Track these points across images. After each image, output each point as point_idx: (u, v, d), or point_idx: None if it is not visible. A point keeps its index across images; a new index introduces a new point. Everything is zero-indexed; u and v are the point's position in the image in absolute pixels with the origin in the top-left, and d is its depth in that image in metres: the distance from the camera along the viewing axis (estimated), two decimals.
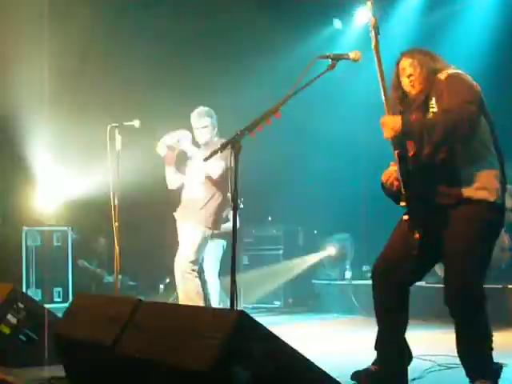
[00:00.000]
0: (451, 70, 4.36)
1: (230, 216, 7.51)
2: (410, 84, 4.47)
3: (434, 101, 4.28)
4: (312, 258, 10.90)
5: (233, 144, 4.13)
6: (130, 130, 7.23)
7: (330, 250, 10.93)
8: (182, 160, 7.54)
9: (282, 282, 10.70)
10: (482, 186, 4.19)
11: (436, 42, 11.08)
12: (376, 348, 4.70)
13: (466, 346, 4.36)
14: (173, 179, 7.47)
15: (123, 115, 7.46)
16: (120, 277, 7.30)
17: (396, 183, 4.32)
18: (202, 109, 7.45)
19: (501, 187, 4.26)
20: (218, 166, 6.97)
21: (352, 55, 4.37)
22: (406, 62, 4.52)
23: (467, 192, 4.19)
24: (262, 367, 3.06)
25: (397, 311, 4.64)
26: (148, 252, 11.23)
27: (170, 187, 7.53)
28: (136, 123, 7.16)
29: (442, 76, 4.32)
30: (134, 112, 7.62)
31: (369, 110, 11.93)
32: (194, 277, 7.09)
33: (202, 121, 7.36)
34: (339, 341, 7.46)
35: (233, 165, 4.12)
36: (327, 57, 4.32)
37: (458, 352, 4.39)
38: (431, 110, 4.27)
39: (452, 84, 4.24)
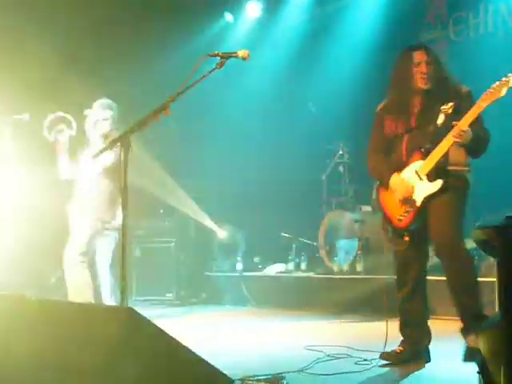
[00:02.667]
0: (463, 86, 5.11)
1: None
2: (421, 79, 5.06)
3: (448, 105, 4.87)
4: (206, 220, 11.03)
5: (122, 140, 4.14)
6: (21, 124, 7.09)
7: (221, 234, 11.04)
8: (74, 150, 7.43)
9: (175, 274, 10.72)
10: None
11: (326, 35, 11.33)
12: (401, 331, 5.34)
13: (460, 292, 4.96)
14: (65, 168, 7.29)
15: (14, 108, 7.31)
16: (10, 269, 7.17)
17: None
18: (104, 100, 7.37)
19: None
20: (105, 159, 6.92)
21: (241, 54, 4.40)
22: (421, 57, 5.09)
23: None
24: (151, 364, 3.10)
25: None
26: (39, 244, 11.05)
27: (62, 176, 7.34)
28: (26, 117, 7.04)
29: (461, 88, 5.06)
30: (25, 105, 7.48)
31: (262, 103, 12.23)
32: (83, 268, 7.04)
33: (104, 113, 7.29)
34: (230, 333, 7.52)
35: (122, 160, 4.12)
36: (216, 55, 4.35)
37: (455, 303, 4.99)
38: (443, 111, 4.88)
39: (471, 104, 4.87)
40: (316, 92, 10.95)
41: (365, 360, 5.28)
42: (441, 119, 4.90)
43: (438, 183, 4.92)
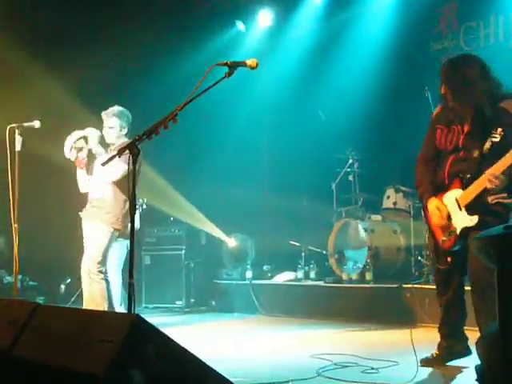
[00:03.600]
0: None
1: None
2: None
3: (497, 132, 4.78)
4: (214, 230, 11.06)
5: (131, 148, 4.16)
6: (31, 131, 7.13)
7: (231, 242, 11.06)
8: (92, 160, 7.50)
9: (184, 281, 10.74)
10: None
11: (336, 45, 11.36)
12: (439, 331, 5.49)
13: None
14: (84, 183, 7.40)
15: (24, 115, 7.34)
16: (20, 277, 7.19)
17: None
18: (112, 108, 7.40)
19: None
20: (117, 169, 6.94)
21: (249, 63, 4.41)
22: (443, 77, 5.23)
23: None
24: (156, 371, 3.12)
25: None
26: (49, 252, 11.12)
27: (81, 191, 7.45)
28: (36, 124, 7.07)
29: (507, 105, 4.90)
30: (35, 112, 7.52)
31: (272, 112, 12.26)
32: (101, 278, 7.05)
33: (109, 121, 7.32)
34: (238, 340, 7.54)
35: (131, 168, 4.14)
36: (225, 64, 4.37)
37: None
38: (492, 138, 4.80)
39: None
40: (326, 100, 10.97)
41: (372, 368, 5.30)
42: (488, 145, 4.83)
43: (474, 219, 4.90)
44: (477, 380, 2.77)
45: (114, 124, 7.34)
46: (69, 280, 10.97)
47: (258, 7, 12.47)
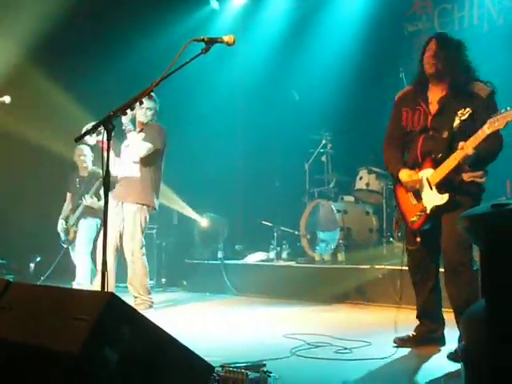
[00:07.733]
0: (485, 87, 5.04)
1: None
2: (427, 64, 5.18)
3: (465, 111, 4.90)
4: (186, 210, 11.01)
5: (105, 124, 4.12)
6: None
7: (203, 222, 11.03)
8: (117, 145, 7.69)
9: (156, 261, 10.67)
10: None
11: (311, 24, 11.31)
12: (419, 319, 5.51)
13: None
14: (112, 166, 7.46)
15: None
16: None
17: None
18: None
19: None
20: (142, 148, 7.31)
21: (226, 39, 4.38)
22: (432, 45, 5.22)
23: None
24: (130, 348, 3.09)
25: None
26: (18, 230, 11.02)
27: (112, 174, 7.54)
28: (6, 99, 7.02)
29: (484, 90, 5.00)
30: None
31: (246, 91, 12.21)
32: (142, 255, 7.61)
33: (149, 102, 7.49)
34: (210, 320, 7.51)
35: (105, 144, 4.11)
36: (202, 40, 4.33)
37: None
38: (461, 117, 4.91)
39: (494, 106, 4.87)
40: (300, 80, 10.95)
41: (345, 349, 5.31)
42: (456, 123, 4.92)
43: (445, 197, 4.98)
44: (461, 359, 2.77)
45: (153, 106, 7.61)
46: (38, 258, 10.88)
47: None
